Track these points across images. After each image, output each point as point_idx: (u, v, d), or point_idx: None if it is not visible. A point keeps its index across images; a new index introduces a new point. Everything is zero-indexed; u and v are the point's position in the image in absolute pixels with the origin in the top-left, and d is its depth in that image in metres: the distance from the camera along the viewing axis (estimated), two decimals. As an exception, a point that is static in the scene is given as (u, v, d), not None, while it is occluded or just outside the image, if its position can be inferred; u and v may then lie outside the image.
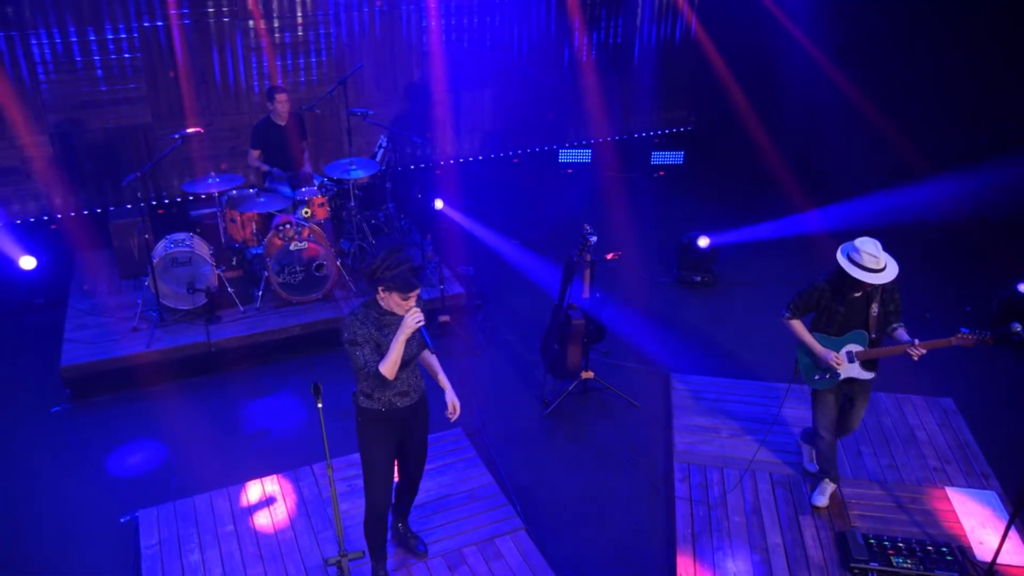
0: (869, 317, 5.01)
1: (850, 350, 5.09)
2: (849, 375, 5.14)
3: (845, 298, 5.01)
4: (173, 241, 6.97)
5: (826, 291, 5.07)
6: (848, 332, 5.06)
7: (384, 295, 4.02)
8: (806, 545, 5.22)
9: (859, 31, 9.53)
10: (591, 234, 6.04)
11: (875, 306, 4.98)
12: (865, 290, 4.95)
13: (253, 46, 9.09)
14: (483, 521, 5.36)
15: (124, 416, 6.46)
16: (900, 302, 5.08)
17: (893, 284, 4.94)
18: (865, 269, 4.80)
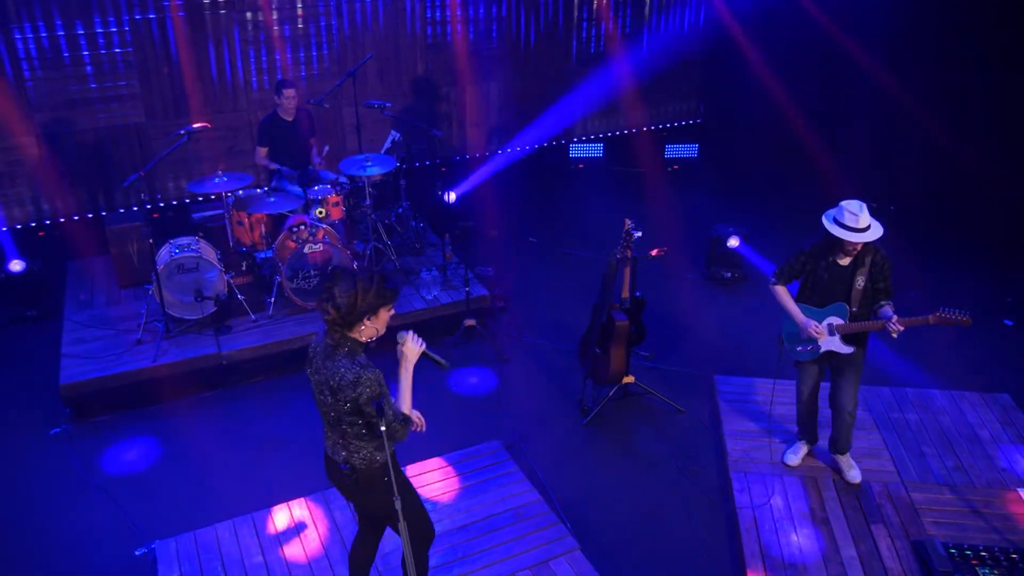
0: (853, 289, 4.88)
1: (831, 322, 4.98)
2: (829, 348, 5.05)
3: (830, 264, 4.91)
4: (178, 246, 6.48)
5: (811, 255, 4.99)
6: (830, 304, 4.95)
7: (369, 323, 3.47)
8: (883, 556, 4.86)
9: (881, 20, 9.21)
10: (635, 229, 5.65)
11: (860, 278, 4.85)
12: (850, 255, 4.81)
13: (251, 39, 8.61)
14: (534, 542, 4.93)
15: (131, 437, 5.96)
16: (890, 279, 4.93)
17: (883, 259, 4.87)
18: (846, 228, 4.68)
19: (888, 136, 9.30)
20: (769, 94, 10.35)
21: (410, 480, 4.11)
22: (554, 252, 8.70)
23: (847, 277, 4.90)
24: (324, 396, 3.55)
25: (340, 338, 3.47)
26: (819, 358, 5.16)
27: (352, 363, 3.44)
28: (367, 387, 3.41)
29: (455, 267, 7.52)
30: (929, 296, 7.11)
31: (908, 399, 6.28)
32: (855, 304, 4.92)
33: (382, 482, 3.63)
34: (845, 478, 5.40)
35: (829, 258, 4.91)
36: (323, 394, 3.55)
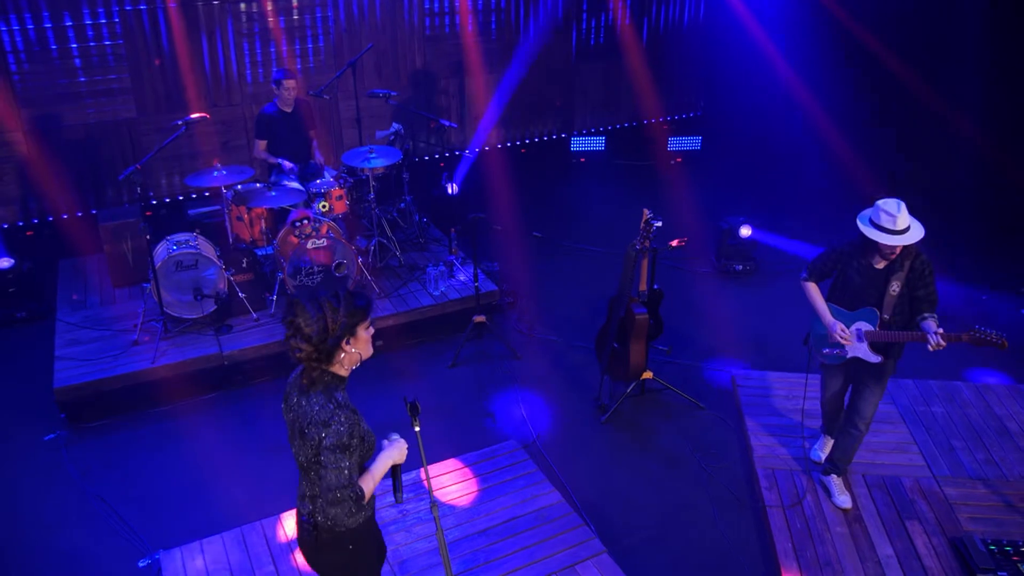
0: (886, 294, 4.49)
1: (860, 328, 4.61)
2: (855, 354, 4.70)
3: (863, 267, 4.55)
4: (176, 243, 6.21)
5: (844, 255, 4.64)
6: (860, 308, 4.60)
7: (349, 348, 3.01)
8: (920, 555, 4.68)
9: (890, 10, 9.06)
10: (655, 219, 5.44)
11: (895, 284, 4.45)
12: (887, 259, 4.44)
13: (245, 32, 8.34)
14: (558, 546, 4.72)
15: (130, 442, 5.70)
16: (933, 286, 4.49)
17: (924, 264, 4.44)
18: (883, 230, 4.32)
19: (896, 125, 9.16)
20: (771, 85, 10.22)
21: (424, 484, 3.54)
22: (560, 247, 8.49)
23: (881, 281, 4.51)
24: (294, 438, 3.08)
25: (318, 374, 2.97)
26: (846, 363, 4.82)
27: (327, 400, 2.96)
28: (335, 428, 2.90)
29: (462, 262, 7.29)
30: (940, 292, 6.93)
31: (933, 392, 6.12)
32: (887, 311, 4.53)
33: (345, 550, 3.12)
34: (833, 501, 5.01)
35: (862, 260, 4.55)
36: (294, 436, 3.08)
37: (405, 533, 4.82)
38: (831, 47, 9.34)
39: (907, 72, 8.68)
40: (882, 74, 8.88)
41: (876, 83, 9.05)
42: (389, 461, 3.17)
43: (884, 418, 5.79)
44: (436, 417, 5.88)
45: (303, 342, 2.92)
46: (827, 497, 5.09)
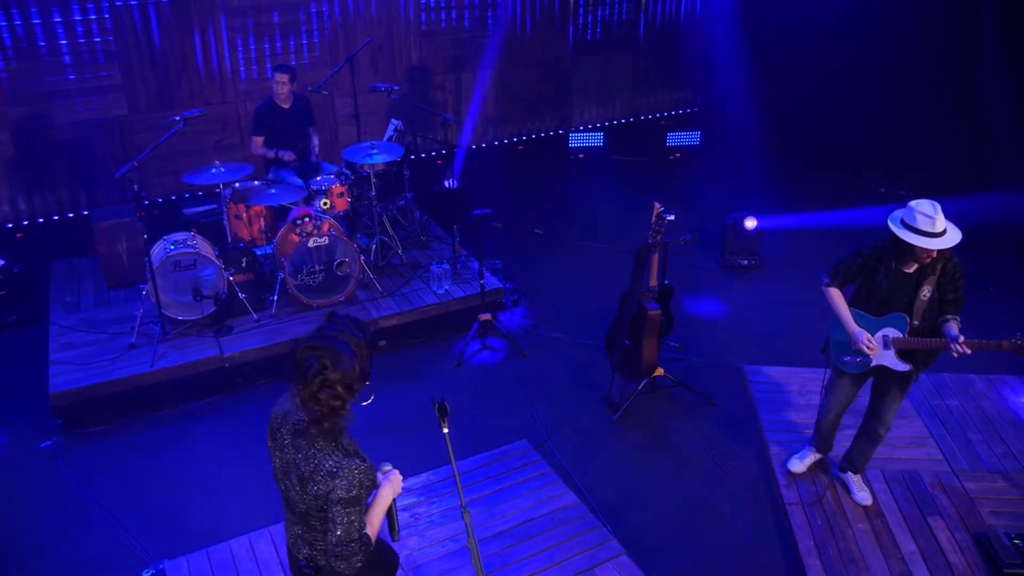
0: (916, 299, 4.26)
1: (886, 334, 4.39)
2: (881, 362, 4.46)
3: (892, 272, 4.30)
4: (173, 242, 6.04)
5: (872, 259, 4.38)
6: (888, 313, 4.36)
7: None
8: (944, 550, 4.59)
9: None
10: (667, 212, 5.33)
11: (927, 288, 4.23)
12: (921, 263, 4.20)
13: (239, 27, 8.17)
14: (576, 548, 4.60)
15: (129, 448, 5.53)
16: (961, 290, 4.28)
17: (956, 267, 4.22)
18: (921, 233, 4.06)
19: (894, 120, 9.12)
20: (768, 80, 10.16)
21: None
22: (562, 244, 8.38)
23: (911, 286, 4.27)
24: (290, 480, 2.79)
25: (322, 414, 2.65)
26: (862, 374, 4.63)
27: (334, 448, 2.70)
28: (346, 481, 2.66)
29: (464, 260, 7.16)
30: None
31: (946, 384, 6.05)
32: (917, 317, 4.29)
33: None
34: (853, 498, 4.92)
35: (892, 264, 4.30)
36: (288, 478, 2.80)
37: (418, 538, 4.68)
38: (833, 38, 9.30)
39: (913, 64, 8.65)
40: (885, 65, 8.84)
41: (880, 74, 9.00)
42: (388, 499, 2.94)
43: (899, 412, 5.59)
44: (443, 418, 5.74)
45: (342, 391, 2.61)
46: (846, 494, 5.00)
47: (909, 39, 8.63)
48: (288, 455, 2.77)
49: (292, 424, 2.76)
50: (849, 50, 9.15)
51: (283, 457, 2.80)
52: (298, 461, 2.73)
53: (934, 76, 8.55)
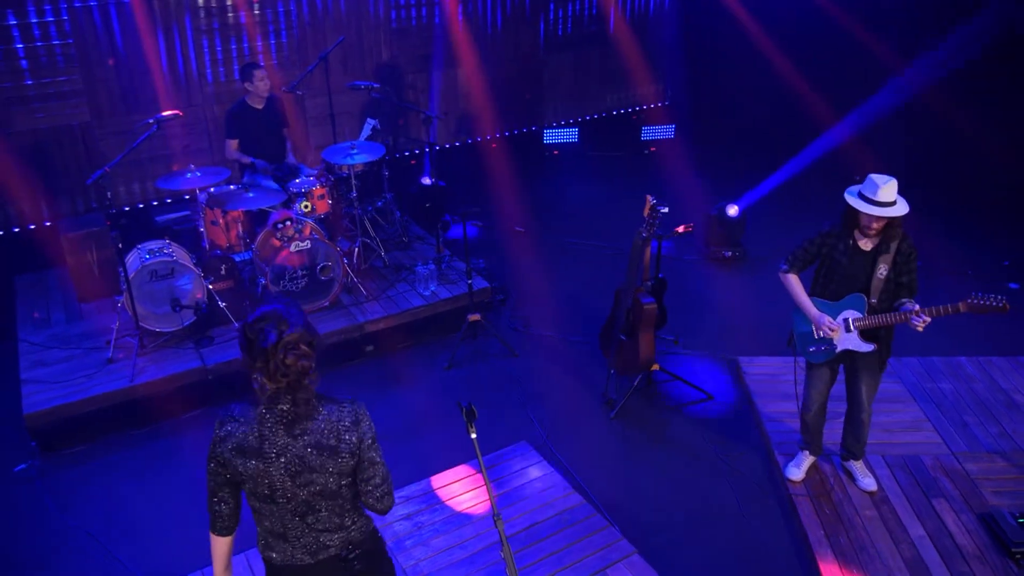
0: (873, 278, 4.32)
1: (847, 317, 4.42)
2: (846, 346, 4.48)
3: (850, 249, 4.36)
4: (148, 251, 5.81)
5: (831, 237, 4.44)
6: (846, 296, 4.42)
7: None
8: (952, 533, 4.59)
9: None
10: (660, 205, 5.25)
11: (883, 267, 4.29)
12: (869, 236, 4.28)
13: (204, 28, 7.92)
14: (586, 549, 4.50)
15: (112, 468, 5.28)
16: (915, 274, 4.34)
17: (910, 248, 4.27)
18: (867, 201, 4.16)
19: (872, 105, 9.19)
20: (741, 72, 10.19)
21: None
22: (544, 241, 8.28)
23: (868, 264, 4.33)
24: (295, 481, 2.65)
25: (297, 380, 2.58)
26: (832, 362, 4.63)
27: (330, 402, 2.69)
28: (366, 418, 2.72)
29: (449, 260, 7.03)
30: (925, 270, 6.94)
31: (938, 368, 6.08)
32: (875, 295, 4.34)
33: (384, 552, 3.00)
34: (858, 485, 4.91)
35: (849, 241, 4.36)
36: (291, 480, 2.65)
37: (423, 547, 4.54)
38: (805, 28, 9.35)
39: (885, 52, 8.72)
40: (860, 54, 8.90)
41: (856, 64, 9.07)
42: None
43: (894, 397, 5.73)
44: (437, 422, 5.62)
45: (306, 348, 2.57)
46: (851, 481, 4.98)
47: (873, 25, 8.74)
48: (292, 455, 2.63)
49: (271, 426, 2.62)
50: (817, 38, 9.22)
51: (286, 464, 2.63)
52: (310, 446, 2.63)
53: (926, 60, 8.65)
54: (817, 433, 4.97)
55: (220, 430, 2.68)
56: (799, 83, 9.32)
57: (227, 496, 2.76)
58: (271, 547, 2.81)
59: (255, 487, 2.65)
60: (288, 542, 2.77)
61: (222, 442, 2.66)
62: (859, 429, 4.81)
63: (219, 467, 2.70)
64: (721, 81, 10.48)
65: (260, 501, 2.70)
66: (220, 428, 2.68)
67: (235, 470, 2.64)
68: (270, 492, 2.66)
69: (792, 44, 9.48)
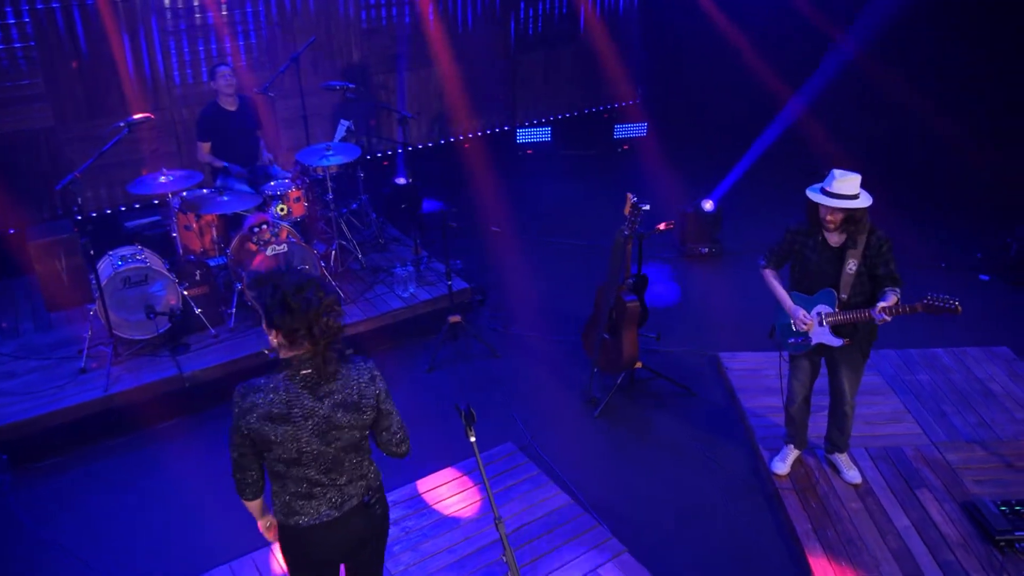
0: (843, 273, 4.36)
1: (820, 311, 4.48)
2: (819, 340, 4.54)
3: (819, 245, 4.41)
4: (120, 257, 5.68)
5: (800, 235, 4.50)
6: (820, 290, 4.47)
7: None
8: (936, 523, 4.64)
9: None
10: (642, 203, 5.25)
11: (852, 262, 4.32)
12: (830, 230, 4.31)
13: (171, 29, 7.77)
14: (577, 550, 4.48)
15: (87, 480, 5.15)
16: (893, 264, 4.33)
17: (881, 241, 4.30)
18: (827, 195, 4.22)
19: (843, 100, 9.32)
20: (711, 68, 10.26)
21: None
22: (520, 240, 8.25)
23: (837, 259, 4.37)
24: (323, 440, 2.82)
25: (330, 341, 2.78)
26: (814, 351, 4.66)
27: (348, 365, 2.89)
28: (380, 373, 3.00)
29: (428, 261, 6.96)
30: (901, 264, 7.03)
31: (915, 360, 6.15)
32: (845, 291, 4.38)
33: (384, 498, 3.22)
34: (843, 478, 4.94)
35: (818, 237, 4.40)
36: (318, 439, 2.82)
37: (412, 553, 4.49)
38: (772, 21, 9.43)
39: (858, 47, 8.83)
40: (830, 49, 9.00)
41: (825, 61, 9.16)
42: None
43: (873, 389, 5.78)
44: (422, 425, 5.54)
45: (339, 309, 2.83)
46: (835, 474, 5.01)
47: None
48: (319, 416, 2.80)
49: (296, 391, 2.77)
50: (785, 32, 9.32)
51: (314, 426, 2.80)
52: (336, 405, 2.82)
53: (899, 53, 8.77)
54: (802, 426, 5.00)
55: (243, 402, 2.78)
56: (769, 77, 9.41)
57: (252, 464, 2.90)
58: (296, 511, 2.92)
59: (283, 452, 2.79)
60: (314, 500, 2.92)
61: (247, 413, 2.76)
62: (842, 421, 4.85)
63: (244, 438, 2.81)
64: (691, 77, 10.55)
65: (286, 465, 2.83)
66: (243, 400, 2.78)
67: (263, 438, 2.76)
68: (297, 455, 2.81)
69: (761, 37, 9.56)
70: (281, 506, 2.95)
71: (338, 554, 3.09)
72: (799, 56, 9.33)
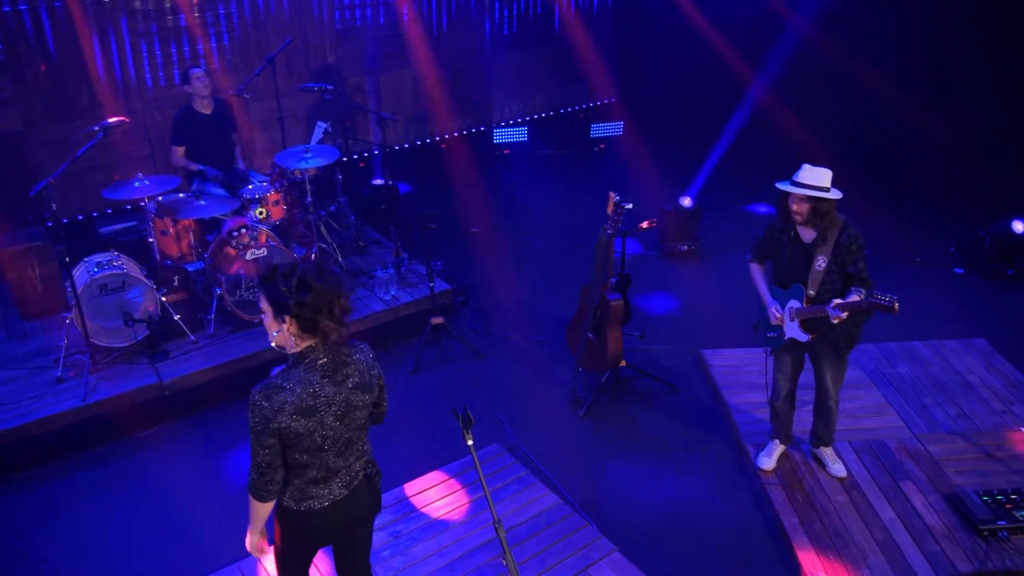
0: (811, 269, 4.40)
1: (792, 306, 4.55)
2: (791, 334, 4.62)
3: (792, 240, 4.49)
4: (96, 264, 5.57)
5: (776, 230, 4.59)
6: (792, 285, 4.54)
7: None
8: (920, 514, 4.70)
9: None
10: (625, 202, 5.26)
11: (821, 259, 4.36)
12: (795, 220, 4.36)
13: (142, 31, 7.65)
14: (567, 550, 4.47)
15: (69, 491, 5.04)
16: (862, 263, 4.34)
17: (851, 239, 4.31)
18: (793, 184, 4.30)
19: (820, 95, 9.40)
20: (685, 65, 10.31)
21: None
22: (500, 241, 8.23)
23: (808, 255, 4.42)
24: (343, 422, 2.92)
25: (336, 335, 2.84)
26: (796, 347, 4.70)
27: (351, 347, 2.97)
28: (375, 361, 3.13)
29: (408, 263, 6.92)
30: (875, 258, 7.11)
31: (895, 353, 6.23)
32: (812, 287, 4.41)
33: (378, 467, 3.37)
34: (828, 472, 4.99)
35: (791, 232, 4.48)
36: (339, 422, 2.91)
37: (402, 557, 4.45)
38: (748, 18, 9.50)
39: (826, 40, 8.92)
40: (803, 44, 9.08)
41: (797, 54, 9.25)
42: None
43: (855, 383, 5.83)
44: (408, 428, 5.52)
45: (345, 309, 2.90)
46: (820, 468, 5.06)
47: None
48: (340, 400, 2.88)
49: (318, 381, 2.81)
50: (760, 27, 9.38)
51: (336, 411, 2.88)
52: (354, 387, 2.92)
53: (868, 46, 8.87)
54: (787, 422, 5.04)
55: (271, 402, 2.75)
56: (743, 71, 9.49)
57: (279, 462, 2.87)
58: (310, 495, 2.98)
59: (309, 443, 2.84)
60: (329, 483, 3.00)
61: (279, 412, 2.75)
62: (827, 416, 4.89)
63: (275, 438, 2.79)
64: (666, 75, 10.58)
65: (308, 454, 2.86)
66: (269, 400, 2.75)
67: (294, 433, 2.79)
68: (321, 441, 2.87)
69: (734, 31, 9.62)
70: (293, 492, 2.96)
71: (339, 532, 3.19)
72: (773, 51, 9.40)
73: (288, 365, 2.84)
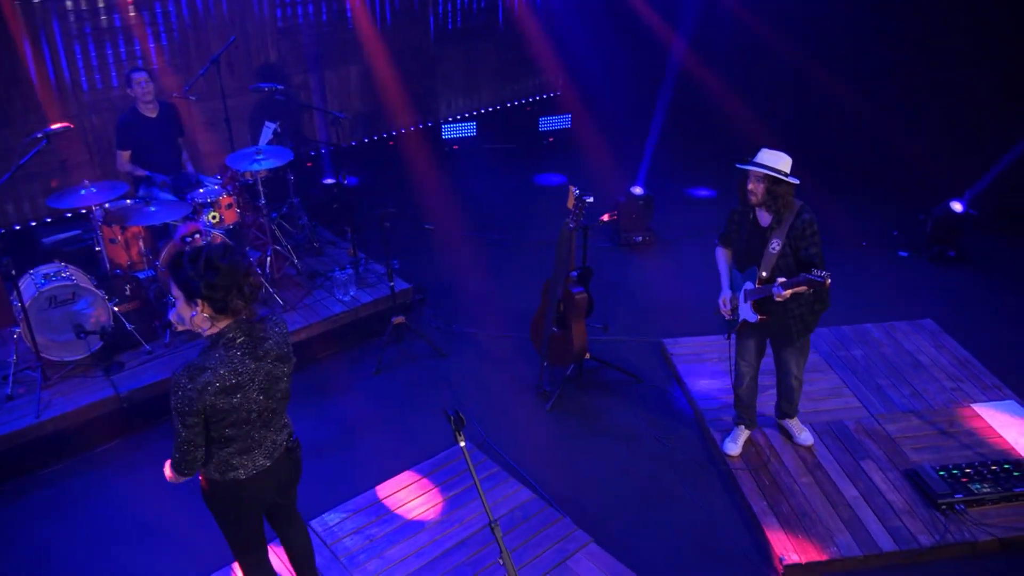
0: (765, 252, 4.52)
1: (747, 288, 4.70)
2: (743, 316, 4.76)
3: (750, 223, 4.62)
4: (43, 275, 5.36)
5: (738, 213, 4.74)
6: (748, 267, 4.67)
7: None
8: (882, 491, 4.85)
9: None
10: (586, 195, 5.28)
11: (775, 242, 4.47)
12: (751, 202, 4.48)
13: (75, 33, 7.37)
14: (544, 543, 4.50)
15: (26, 512, 4.85)
16: (817, 247, 4.45)
17: (805, 224, 4.44)
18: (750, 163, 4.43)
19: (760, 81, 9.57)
20: (630, 55, 10.39)
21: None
22: (454, 237, 8.19)
23: (763, 238, 4.53)
24: (267, 395, 3.08)
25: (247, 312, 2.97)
26: (757, 331, 4.83)
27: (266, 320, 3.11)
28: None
29: (366, 263, 6.83)
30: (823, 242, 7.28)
31: (848, 336, 6.40)
32: (765, 269, 4.52)
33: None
34: (796, 442, 5.17)
35: (750, 216, 4.61)
36: (263, 396, 3.06)
37: (379, 560, 4.41)
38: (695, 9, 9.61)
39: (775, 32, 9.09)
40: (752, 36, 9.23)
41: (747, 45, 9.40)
42: None
43: (812, 367, 5.94)
44: (373, 429, 5.48)
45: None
46: (785, 447, 5.18)
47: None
48: (263, 374, 3.02)
49: (239, 359, 2.92)
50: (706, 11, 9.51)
51: (259, 384, 3.01)
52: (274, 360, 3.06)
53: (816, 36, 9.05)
54: (750, 406, 5.15)
55: (193, 383, 2.84)
56: (689, 60, 9.60)
57: (201, 438, 2.98)
58: (235, 466, 3.11)
59: (236, 416, 2.96)
60: (252, 453, 3.13)
61: (203, 392, 2.85)
62: (789, 393, 5.06)
63: (198, 418, 2.89)
64: (611, 66, 10.65)
65: (235, 427, 2.99)
66: (193, 382, 2.84)
67: (217, 411, 2.90)
68: (246, 415, 3.00)
69: (680, 21, 9.73)
70: (218, 464, 3.09)
71: (268, 497, 3.36)
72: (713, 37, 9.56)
73: (207, 347, 2.95)
